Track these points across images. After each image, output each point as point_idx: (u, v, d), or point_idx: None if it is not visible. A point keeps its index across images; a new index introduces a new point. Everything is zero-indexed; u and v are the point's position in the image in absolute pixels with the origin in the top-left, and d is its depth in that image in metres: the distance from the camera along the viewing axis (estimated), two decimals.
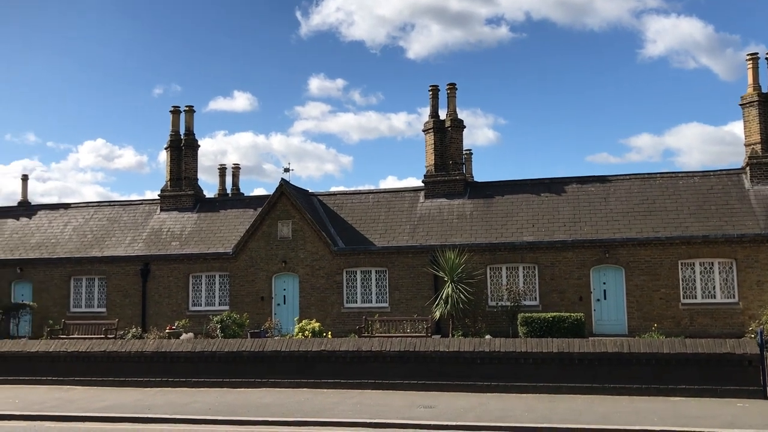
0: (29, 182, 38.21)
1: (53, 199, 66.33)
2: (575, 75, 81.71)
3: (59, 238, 30.43)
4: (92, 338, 20.35)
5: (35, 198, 36.90)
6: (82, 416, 12.68)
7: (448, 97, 28.12)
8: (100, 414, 12.76)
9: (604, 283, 23.99)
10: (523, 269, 24.61)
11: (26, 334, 27.31)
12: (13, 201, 37.93)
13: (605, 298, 23.92)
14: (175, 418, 12.28)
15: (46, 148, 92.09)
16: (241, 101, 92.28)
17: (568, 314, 21.50)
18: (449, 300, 23.14)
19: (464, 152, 29.27)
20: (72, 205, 32.37)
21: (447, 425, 11.33)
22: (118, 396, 14.66)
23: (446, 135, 27.56)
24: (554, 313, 21.64)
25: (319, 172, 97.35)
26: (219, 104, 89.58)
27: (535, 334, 20.71)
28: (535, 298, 24.25)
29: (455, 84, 28.22)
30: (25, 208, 33.52)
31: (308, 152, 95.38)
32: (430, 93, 28.35)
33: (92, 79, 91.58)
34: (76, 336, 22.92)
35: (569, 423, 11.27)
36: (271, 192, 28.04)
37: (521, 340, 15.15)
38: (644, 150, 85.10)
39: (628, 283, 23.57)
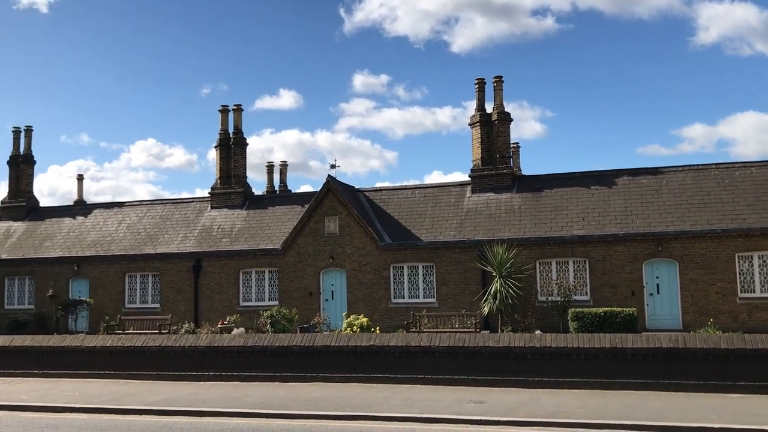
0: (84, 182, 39.41)
1: (107, 198, 68.17)
2: (624, 65, 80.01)
3: (114, 235, 31.27)
4: (147, 333, 20.84)
5: (90, 197, 38.04)
6: (138, 409, 12.99)
7: (494, 90, 27.86)
8: (156, 407, 13.04)
9: (657, 278, 23.45)
10: (574, 264, 24.24)
11: (84, 330, 28.13)
12: (69, 200, 39.16)
13: (658, 293, 23.38)
14: (228, 412, 12.47)
15: (99, 148, 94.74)
16: (286, 99, 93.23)
17: (620, 309, 21.13)
18: (498, 295, 22.95)
19: (511, 145, 29.01)
20: (126, 204, 33.22)
21: (498, 420, 11.24)
22: (172, 389, 14.99)
23: (493, 128, 27.32)
24: (606, 308, 21.28)
25: (364, 168, 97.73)
26: (265, 103, 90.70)
27: (586, 329, 20.38)
28: (586, 292, 23.86)
29: (501, 77, 27.96)
30: (81, 207, 34.56)
31: (353, 149, 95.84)
32: (476, 86, 28.12)
33: (142, 81, 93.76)
34: (131, 331, 23.52)
35: (624, 419, 11.05)
36: (317, 189, 28.27)
37: (573, 335, 14.92)
38: (697, 140, 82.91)
39: (683, 277, 22.99)
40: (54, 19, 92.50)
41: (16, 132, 35.49)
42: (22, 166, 34.96)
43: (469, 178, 27.40)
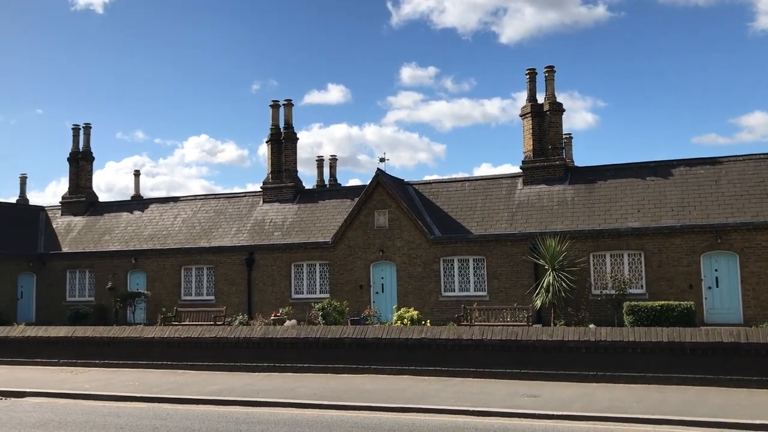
0: (140, 177, 40.47)
1: (162, 193, 69.82)
2: (679, 53, 77.80)
3: (170, 229, 32.02)
4: (203, 325, 21.30)
5: (145, 192, 39.04)
6: (196, 399, 13.29)
7: (546, 80, 27.45)
8: (212, 397, 13.33)
9: (716, 270, 22.79)
10: (629, 256, 23.75)
11: (142, 321, 28.94)
12: (126, 195, 40.31)
13: (717, 286, 22.73)
14: (282, 402, 12.67)
15: (153, 144, 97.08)
16: (335, 94, 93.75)
17: (677, 303, 20.63)
18: (550, 289, 22.66)
19: (563, 136, 28.54)
20: (181, 199, 33.98)
21: (553, 415, 11.12)
22: (228, 380, 15.29)
23: (545, 119, 26.93)
24: (662, 302, 20.81)
25: (412, 161, 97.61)
26: (314, 97, 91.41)
27: (641, 323, 19.98)
28: (642, 286, 23.35)
29: (553, 66, 27.51)
30: (138, 202, 35.51)
31: (401, 142, 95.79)
32: (527, 76, 27.74)
33: (194, 78, 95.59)
34: (187, 323, 24.09)
35: (683, 415, 10.80)
36: (366, 182, 28.37)
37: (628, 329, 14.63)
38: (757, 129, 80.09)
39: (743, 269, 22.28)
40: (109, 20, 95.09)
41: (76, 130, 36.63)
42: (81, 162, 36.10)
43: (521, 170, 27.08)
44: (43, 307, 32.89)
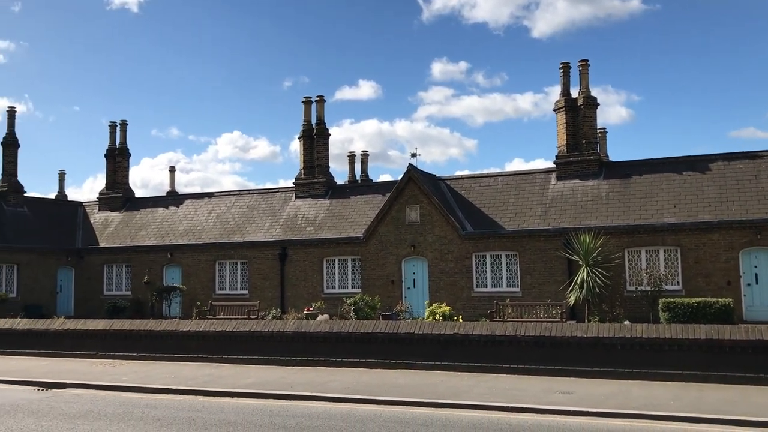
0: (175, 173, 41.03)
1: (196, 189, 70.71)
2: (715, 45, 76.19)
3: (204, 225, 32.44)
4: (237, 319, 21.54)
5: (180, 188, 39.63)
6: (231, 392, 13.45)
7: (580, 74, 27.13)
8: (247, 390, 13.48)
9: (756, 267, 22.32)
10: (665, 252, 23.38)
11: (177, 315, 29.36)
12: (161, 191, 40.90)
13: (757, 283, 22.26)
14: (316, 396, 12.76)
15: (188, 141, 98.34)
16: (365, 89, 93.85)
17: (715, 299, 20.25)
18: (584, 285, 22.42)
19: (598, 131, 28.18)
20: (215, 194, 34.38)
21: (587, 411, 11.01)
22: (262, 373, 15.45)
23: (578, 113, 26.62)
24: (699, 299, 20.45)
25: (443, 156, 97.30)
26: (345, 93, 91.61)
27: (678, 320, 19.65)
28: (678, 282, 22.98)
29: (587, 60, 27.19)
30: (174, 198, 36.03)
31: (432, 137, 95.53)
32: (561, 70, 27.44)
33: (227, 76, 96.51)
34: (221, 316, 24.38)
35: (722, 413, 10.61)
36: (396, 178, 28.39)
37: (665, 325, 14.41)
38: None
39: None
40: (144, 18, 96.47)
41: (112, 126, 37.26)
42: (118, 158, 36.72)
43: (554, 165, 26.82)
44: (81, 300, 33.59)
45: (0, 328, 20.18)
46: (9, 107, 35.27)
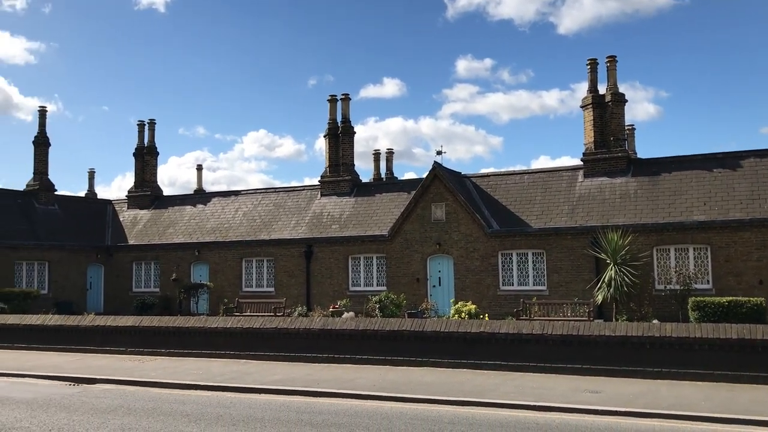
0: (202, 172, 41.41)
1: (222, 187, 71.33)
2: (745, 40, 74.82)
3: (231, 222, 32.71)
4: (263, 316, 21.69)
5: (207, 186, 40.00)
6: (258, 388, 13.55)
7: (607, 71, 26.83)
8: (274, 387, 13.56)
9: None
10: (694, 251, 23.03)
11: (205, 312, 29.67)
12: (188, 189, 41.32)
13: None
14: (342, 393, 12.79)
15: (214, 140, 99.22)
16: (390, 87, 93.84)
17: (746, 299, 19.92)
18: (612, 283, 22.17)
19: (626, 128, 27.85)
20: (242, 192, 34.66)
21: (616, 411, 10.89)
22: (288, 370, 15.54)
23: (606, 110, 26.33)
24: (730, 298, 20.12)
25: (468, 154, 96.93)
26: (369, 91, 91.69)
27: (708, 319, 19.36)
28: (708, 281, 22.63)
29: (615, 56, 26.86)
30: (201, 196, 36.39)
31: (457, 135, 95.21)
32: (588, 67, 27.17)
33: (253, 75, 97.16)
34: (248, 313, 24.59)
35: (754, 414, 10.42)
36: (421, 176, 28.36)
37: (695, 325, 14.19)
38: None
39: None
40: (171, 18, 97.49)
41: (141, 125, 37.73)
42: (146, 157, 37.18)
43: (581, 162, 26.57)
44: (110, 297, 34.09)
45: (32, 324, 20.55)
46: (40, 107, 35.92)
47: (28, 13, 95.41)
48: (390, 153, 40.96)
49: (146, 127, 37.67)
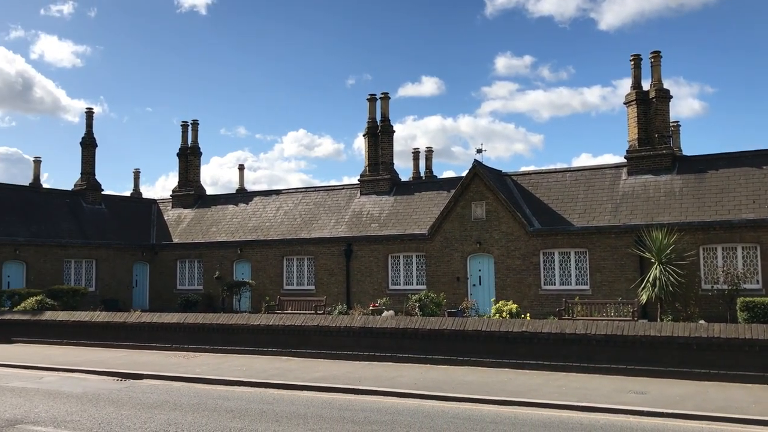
0: (244, 171, 41.94)
1: (263, 187, 72.18)
2: None
3: (272, 221, 33.06)
4: (304, 314, 21.87)
5: (248, 186, 40.52)
6: (300, 385, 13.68)
7: (651, 66, 26.30)
8: (316, 384, 13.68)
9: None
10: (743, 250, 22.44)
11: (247, 309, 30.04)
12: (229, 189, 41.89)
13: None
14: (383, 391, 12.83)
15: (254, 140, 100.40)
16: (428, 86, 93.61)
17: None
18: (657, 283, 21.75)
19: (671, 124, 27.27)
20: (282, 192, 34.99)
21: (662, 413, 10.70)
22: (330, 367, 15.65)
23: (650, 107, 25.83)
24: None
25: (508, 152, 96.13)
26: (407, 90, 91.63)
27: (757, 319, 18.86)
28: (757, 281, 22.02)
29: (659, 52, 26.31)
30: (243, 195, 36.85)
31: (496, 133, 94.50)
32: (632, 63, 26.67)
33: (292, 75, 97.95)
34: (289, 311, 24.81)
35: None
36: (460, 174, 28.24)
37: (744, 325, 13.84)
38: None
39: None
40: (212, 20, 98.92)
41: (184, 126, 38.37)
42: (190, 157, 37.80)
43: (625, 160, 26.12)
44: (155, 294, 34.77)
45: (81, 320, 21.09)
46: (87, 109, 36.81)
47: (75, 17, 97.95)
48: (429, 151, 40.87)
49: (189, 128, 38.29)
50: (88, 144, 35.90)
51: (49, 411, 11.18)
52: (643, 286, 22.41)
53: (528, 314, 22.03)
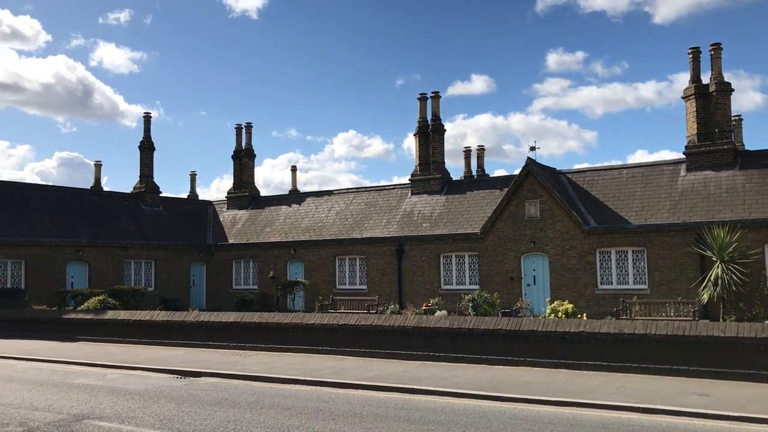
0: (296, 173, 42.44)
1: (314, 188, 72.87)
2: None
3: (324, 221, 33.36)
4: (358, 313, 21.96)
5: (300, 187, 40.92)
6: (355, 384, 13.73)
7: (711, 59, 25.53)
8: (370, 383, 13.71)
9: None
10: None
11: (300, 308, 30.40)
12: (281, 190, 42.46)
13: None
14: (439, 391, 12.78)
15: (305, 141, 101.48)
16: (478, 84, 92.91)
17: None
18: (719, 282, 21.11)
19: (732, 118, 26.41)
20: (334, 192, 35.27)
21: (727, 416, 10.34)
22: (384, 366, 15.67)
23: (710, 100, 25.06)
24: None
25: (560, 149, 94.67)
26: (457, 89, 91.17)
27: None
28: None
29: (720, 44, 25.51)
30: (296, 196, 37.31)
31: (549, 130, 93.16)
32: (690, 56, 25.93)
33: (342, 77, 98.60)
34: (342, 310, 24.98)
35: None
36: (512, 172, 27.94)
37: None
38: None
39: None
40: (263, 25, 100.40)
41: (238, 129, 39.05)
42: (244, 159, 38.46)
43: (683, 156, 25.40)
44: (212, 294, 35.49)
45: (141, 319, 21.67)
46: (144, 113, 37.84)
47: (131, 24, 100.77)
48: (481, 150, 40.60)
49: (243, 131, 38.96)
50: (147, 148, 36.87)
51: (113, 407, 11.52)
52: (704, 285, 21.78)
53: (584, 314, 21.66)
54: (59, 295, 28.53)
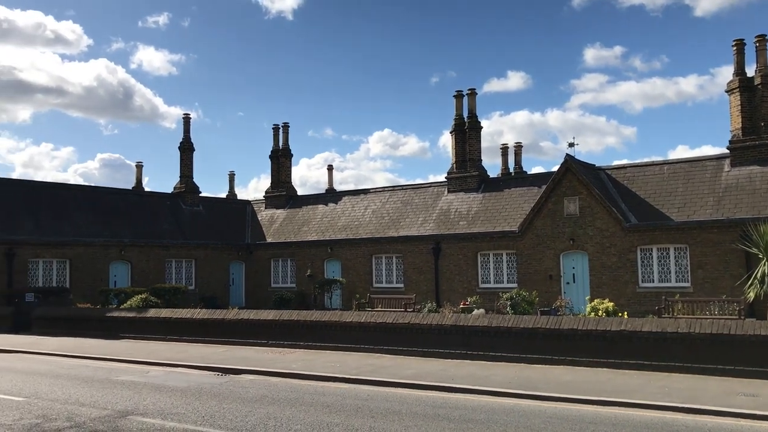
0: (332, 172, 42.66)
1: (350, 186, 73.19)
2: None
3: (361, 220, 33.46)
4: (395, 311, 21.98)
5: (336, 186, 41.16)
6: (393, 382, 13.74)
7: (756, 51, 24.88)
8: (408, 381, 13.70)
9: None
10: None
11: (338, 307, 30.54)
12: (318, 189, 42.69)
13: None
14: (477, 389, 12.70)
15: (341, 140, 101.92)
16: (514, 80, 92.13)
17: None
18: (765, 280, 20.48)
19: None
20: (370, 191, 35.36)
21: None
22: (422, 365, 15.65)
23: (755, 94, 24.43)
24: None
25: (599, 146, 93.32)
26: (493, 86, 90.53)
27: None
28: None
29: (765, 35, 24.82)
30: (332, 195, 37.51)
31: (587, 126, 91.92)
32: (734, 49, 25.32)
33: (377, 76, 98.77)
34: (379, 309, 25.02)
35: None
36: (550, 169, 27.69)
37: None
38: None
39: None
40: (298, 25, 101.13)
41: (275, 129, 39.41)
42: (281, 159, 38.81)
43: (727, 151, 24.81)
44: (251, 292, 35.90)
45: (182, 317, 22.01)
46: (184, 114, 38.43)
47: (170, 27, 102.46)
48: (518, 147, 40.28)
49: (280, 131, 39.30)
50: (186, 148, 37.45)
51: (156, 404, 11.73)
52: (750, 283, 21.16)
53: (625, 313, 21.29)
54: (103, 294, 29.17)
